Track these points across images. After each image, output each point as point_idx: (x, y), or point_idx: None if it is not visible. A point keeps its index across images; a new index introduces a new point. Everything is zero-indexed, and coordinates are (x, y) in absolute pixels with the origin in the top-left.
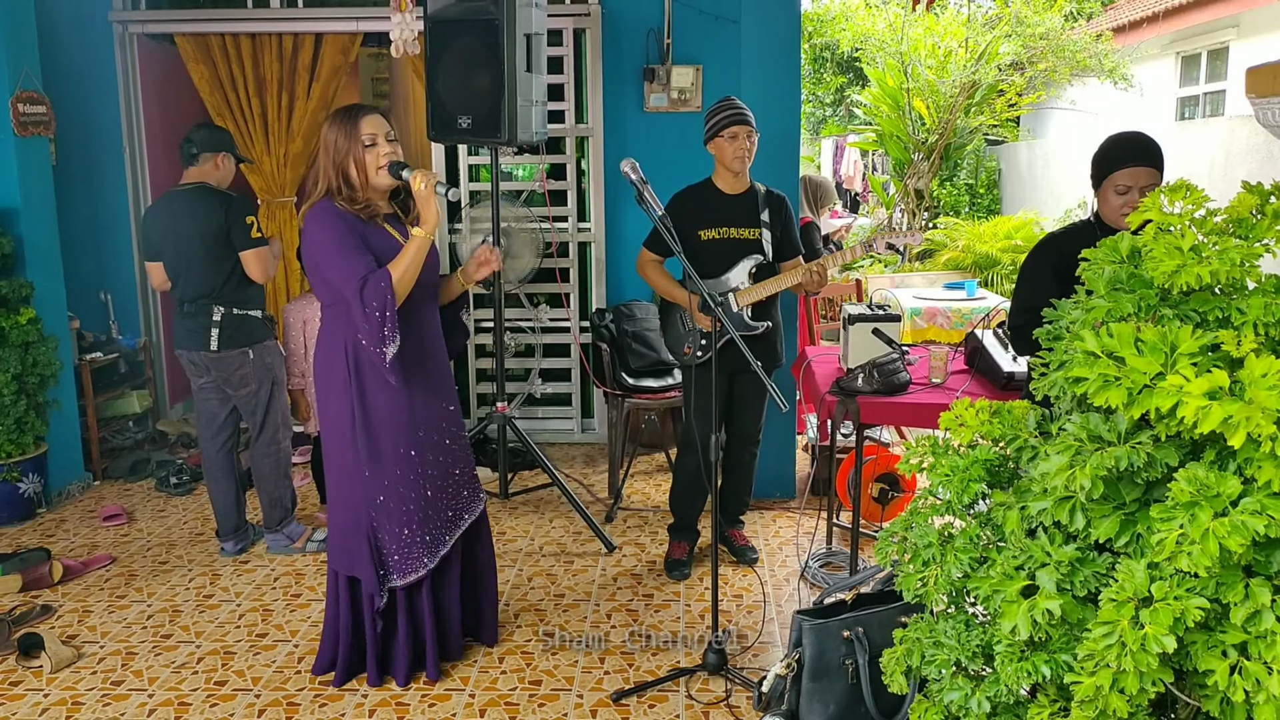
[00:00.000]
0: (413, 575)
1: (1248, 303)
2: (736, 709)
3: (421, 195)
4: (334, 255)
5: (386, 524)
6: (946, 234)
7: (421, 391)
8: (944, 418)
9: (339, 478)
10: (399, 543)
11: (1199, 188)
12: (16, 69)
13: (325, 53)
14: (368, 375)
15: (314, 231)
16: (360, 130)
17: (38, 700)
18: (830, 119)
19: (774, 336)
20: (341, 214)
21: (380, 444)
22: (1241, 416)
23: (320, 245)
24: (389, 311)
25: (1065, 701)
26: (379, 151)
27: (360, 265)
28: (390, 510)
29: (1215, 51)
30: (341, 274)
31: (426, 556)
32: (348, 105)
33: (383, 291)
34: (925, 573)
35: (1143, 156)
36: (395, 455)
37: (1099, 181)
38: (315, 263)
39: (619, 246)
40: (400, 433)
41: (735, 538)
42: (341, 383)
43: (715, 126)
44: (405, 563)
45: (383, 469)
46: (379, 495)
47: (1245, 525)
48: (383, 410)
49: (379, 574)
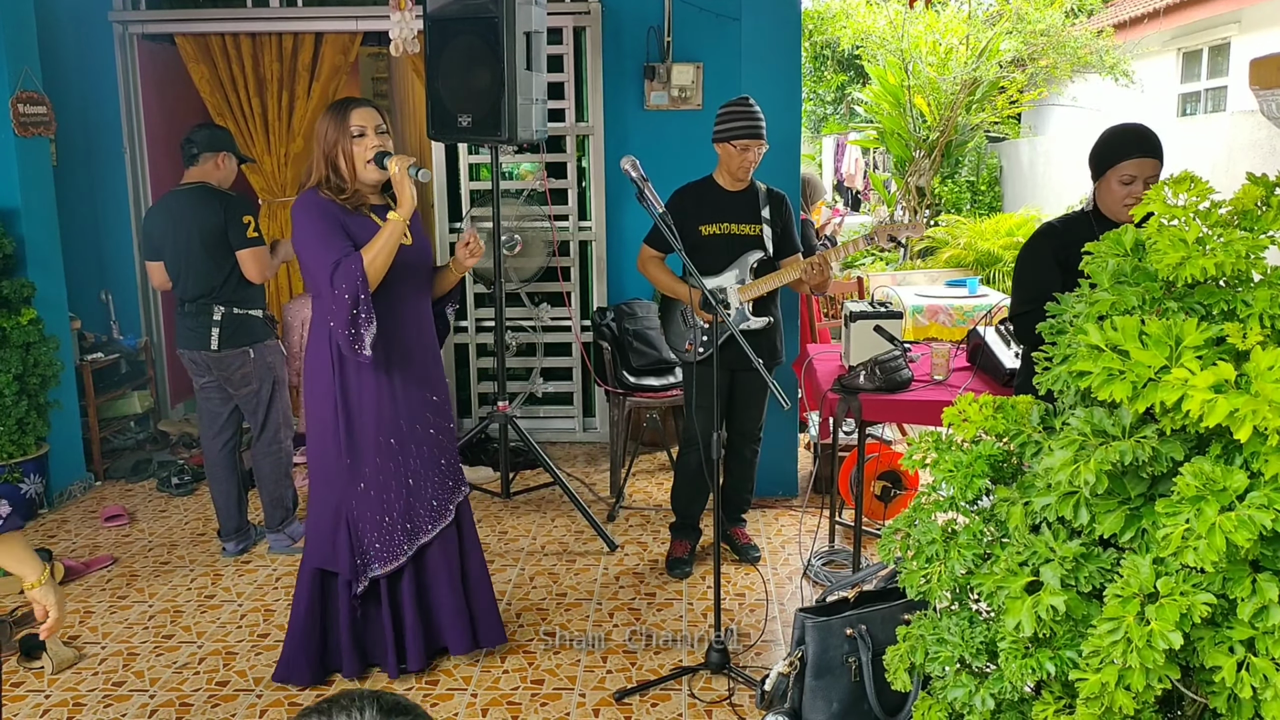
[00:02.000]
0: (393, 564)
1: (1253, 295)
2: (739, 707)
3: (396, 179)
4: (310, 242)
5: (367, 512)
6: (948, 231)
7: (404, 381)
8: (947, 413)
9: (318, 467)
10: (380, 529)
11: (1203, 179)
12: (17, 69)
13: (325, 52)
14: (350, 364)
15: (297, 221)
16: (349, 122)
17: (39, 701)
18: (831, 117)
19: (775, 333)
20: (323, 202)
21: (362, 433)
22: (1248, 410)
23: (299, 234)
24: (361, 295)
25: (1070, 698)
26: (367, 143)
27: (334, 251)
28: (370, 499)
29: (1217, 47)
30: (316, 260)
31: (406, 544)
32: (341, 98)
33: (352, 275)
34: (928, 569)
35: (1148, 148)
36: (376, 444)
37: (1101, 172)
38: (298, 252)
39: (620, 245)
40: (383, 422)
41: (737, 536)
42: (325, 371)
43: (728, 133)
44: (386, 550)
45: (363, 458)
46: (359, 483)
47: (1252, 520)
48: (365, 399)
49: (356, 563)
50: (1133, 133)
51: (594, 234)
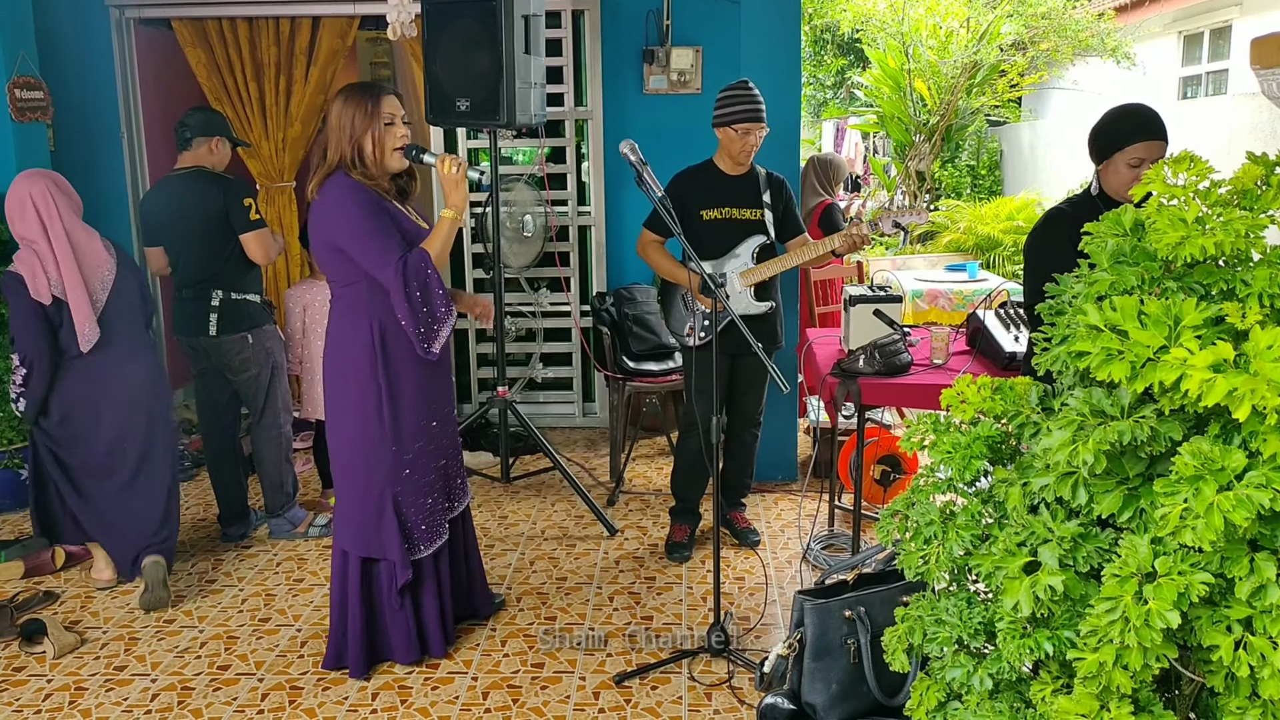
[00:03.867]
0: (438, 542)
1: (1252, 274)
2: (739, 690)
3: (452, 178)
4: (363, 234)
5: (411, 497)
6: (948, 216)
7: (433, 365)
8: (946, 394)
9: (359, 459)
10: (424, 512)
11: (1203, 159)
12: (13, 54)
13: (323, 36)
14: (394, 352)
15: (334, 207)
16: (381, 109)
17: (41, 686)
18: (831, 101)
19: (775, 318)
20: (362, 188)
21: (405, 419)
22: (1247, 389)
23: (343, 223)
24: (438, 290)
25: (1068, 678)
26: (396, 132)
27: (394, 245)
28: (415, 482)
29: (1218, 30)
30: (376, 255)
31: (445, 524)
32: (363, 82)
33: (422, 270)
34: (927, 550)
35: (1156, 130)
36: (418, 428)
37: (1108, 154)
38: (333, 240)
39: (619, 230)
40: (421, 406)
41: (737, 520)
42: (365, 361)
43: (728, 117)
44: (431, 531)
45: (406, 443)
46: (404, 470)
47: (1250, 499)
48: (408, 385)
49: (405, 548)
50: (1142, 115)
51: (593, 219)
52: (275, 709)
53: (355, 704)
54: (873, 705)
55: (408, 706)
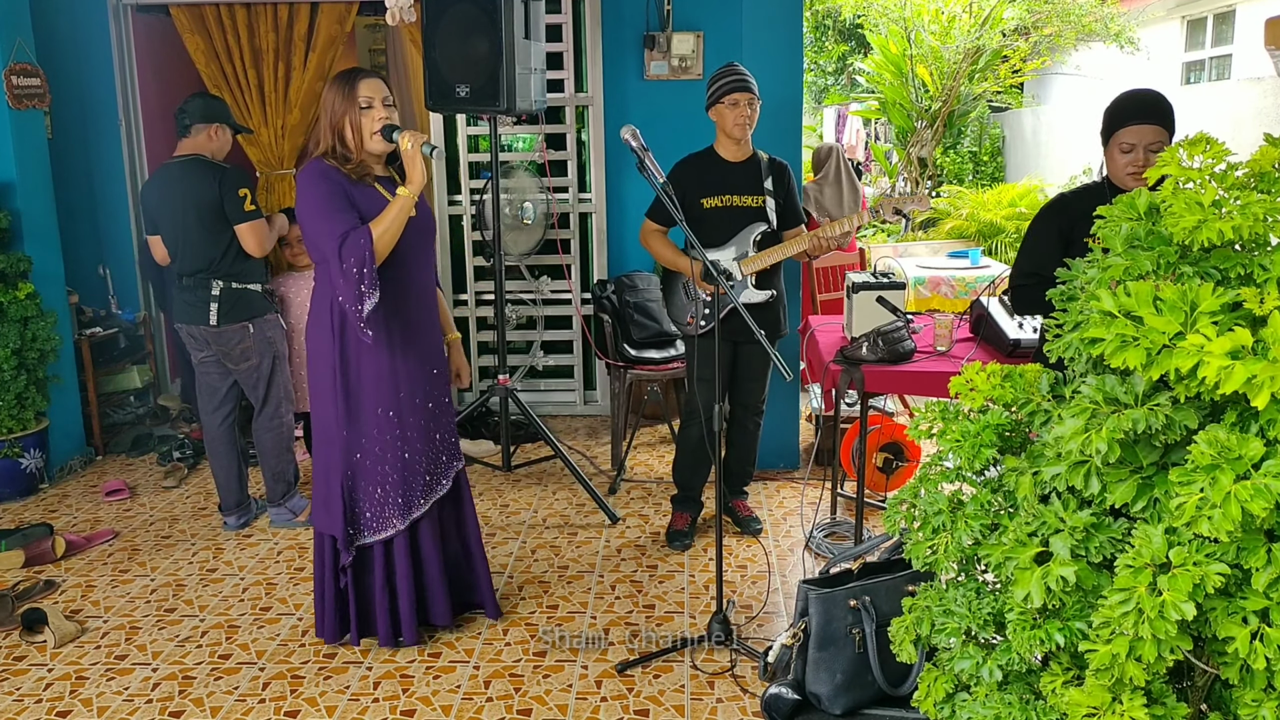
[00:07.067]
0: (385, 532)
1: (1271, 259)
2: (741, 679)
3: (408, 154)
4: (316, 213)
5: (361, 483)
6: (950, 202)
7: (405, 353)
8: (954, 382)
9: (321, 437)
10: (372, 501)
11: (1219, 140)
12: (10, 41)
13: (321, 22)
14: (351, 334)
15: (302, 189)
16: (357, 93)
17: (41, 675)
18: (833, 88)
19: (778, 305)
20: (329, 172)
21: (361, 404)
22: (1265, 376)
23: (302, 204)
24: (366, 268)
25: (1079, 670)
26: (374, 115)
27: (341, 222)
28: (366, 469)
29: (1221, 15)
30: (323, 231)
31: (397, 519)
32: (348, 68)
33: (361, 249)
34: (935, 540)
35: (1148, 114)
36: (375, 416)
37: (1105, 140)
38: (302, 221)
39: (620, 217)
40: (382, 393)
41: (739, 508)
42: (326, 340)
43: (716, 93)
44: (376, 521)
45: (361, 429)
46: (356, 454)
47: (1268, 488)
48: (365, 370)
49: (348, 532)
50: (1134, 99)
51: (594, 206)
52: (277, 698)
53: (357, 693)
54: (877, 695)
55: (410, 695)
